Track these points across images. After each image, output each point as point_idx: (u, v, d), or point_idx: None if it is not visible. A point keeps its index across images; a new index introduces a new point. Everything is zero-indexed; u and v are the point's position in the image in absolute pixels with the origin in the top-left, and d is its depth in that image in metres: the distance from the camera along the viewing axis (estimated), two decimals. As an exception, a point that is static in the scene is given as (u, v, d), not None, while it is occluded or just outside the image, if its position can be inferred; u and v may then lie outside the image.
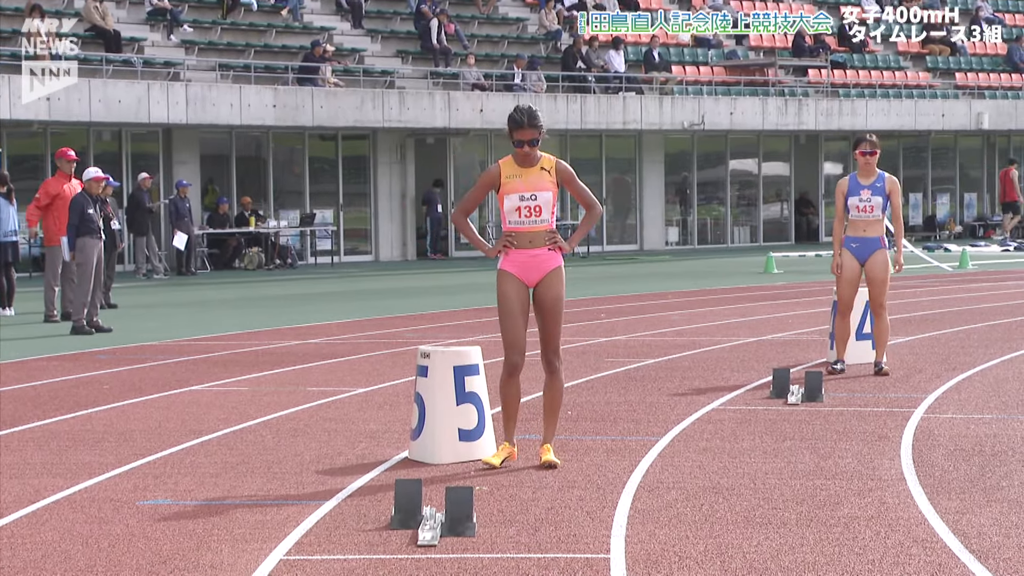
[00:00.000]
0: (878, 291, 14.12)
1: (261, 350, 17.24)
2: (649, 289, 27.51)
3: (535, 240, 9.61)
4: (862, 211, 14.01)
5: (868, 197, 14.00)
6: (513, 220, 9.60)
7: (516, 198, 9.55)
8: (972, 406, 12.19)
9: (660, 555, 7.28)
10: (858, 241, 14.08)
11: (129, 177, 35.34)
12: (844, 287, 14.17)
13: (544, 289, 9.64)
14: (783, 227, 48.84)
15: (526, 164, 9.63)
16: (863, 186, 14.04)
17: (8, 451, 10.49)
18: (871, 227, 14.04)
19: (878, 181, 14.05)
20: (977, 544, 7.45)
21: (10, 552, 7.50)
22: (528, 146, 9.59)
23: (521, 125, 9.59)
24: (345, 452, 10.26)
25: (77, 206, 20.14)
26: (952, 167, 52.18)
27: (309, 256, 39.65)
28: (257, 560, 7.26)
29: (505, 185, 9.61)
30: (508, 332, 9.63)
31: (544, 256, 9.63)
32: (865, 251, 14.06)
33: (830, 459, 9.81)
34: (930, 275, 31.05)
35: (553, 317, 9.65)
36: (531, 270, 9.63)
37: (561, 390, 9.82)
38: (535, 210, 9.56)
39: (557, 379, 9.76)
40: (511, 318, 9.62)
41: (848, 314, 14.25)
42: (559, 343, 9.76)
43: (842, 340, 14.29)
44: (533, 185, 9.57)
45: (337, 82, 38.78)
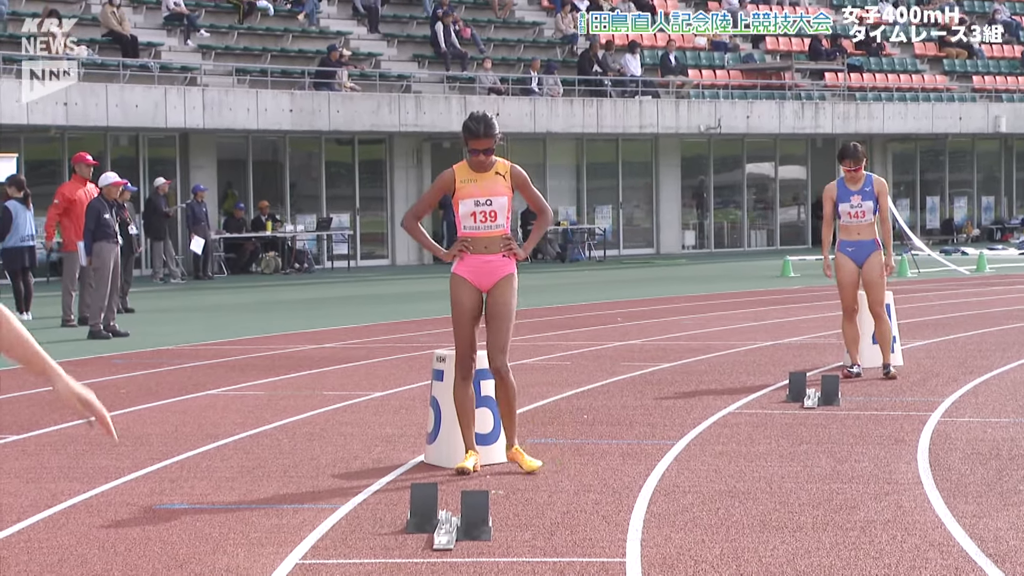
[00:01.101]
0: (875, 293, 14.13)
1: (277, 354, 17.26)
2: (665, 293, 27.49)
3: (490, 246, 9.62)
4: (854, 216, 14.05)
5: (859, 203, 14.03)
6: (468, 225, 9.62)
7: (471, 203, 9.58)
8: (989, 410, 12.16)
9: (676, 559, 7.27)
10: (853, 245, 14.11)
11: (146, 182, 35.43)
12: (845, 290, 14.21)
13: (496, 294, 9.63)
14: (800, 231, 48.78)
15: (481, 169, 9.64)
16: (852, 191, 14.06)
17: (25, 455, 10.52)
18: (864, 231, 14.09)
19: (866, 185, 14.08)
20: (994, 548, 7.42)
21: (27, 556, 7.51)
22: (483, 155, 9.60)
23: (477, 135, 9.60)
24: (361, 456, 10.26)
25: (94, 211, 20.18)
26: (969, 170, 52.09)
27: (326, 260, 39.69)
28: (273, 564, 7.27)
29: (460, 190, 9.62)
30: (460, 338, 9.65)
31: (498, 262, 9.64)
32: (861, 254, 14.09)
33: (846, 463, 9.79)
34: (947, 278, 30.99)
35: (501, 322, 9.61)
36: (484, 275, 9.64)
37: (514, 390, 9.69)
38: (490, 215, 9.59)
39: (506, 381, 9.66)
40: (462, 324, 9.64)
41: (853, 317, 14.25)
42: (507, 346, 9.66)
43: (853, 343, 14.27)
44: (488, 190, 9.59)
45: (353, 86, 38.82)
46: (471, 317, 9.65)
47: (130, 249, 23.01)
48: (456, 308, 9.68)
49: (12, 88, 31.77)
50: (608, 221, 44.29)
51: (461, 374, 9.65)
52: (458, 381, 9.66)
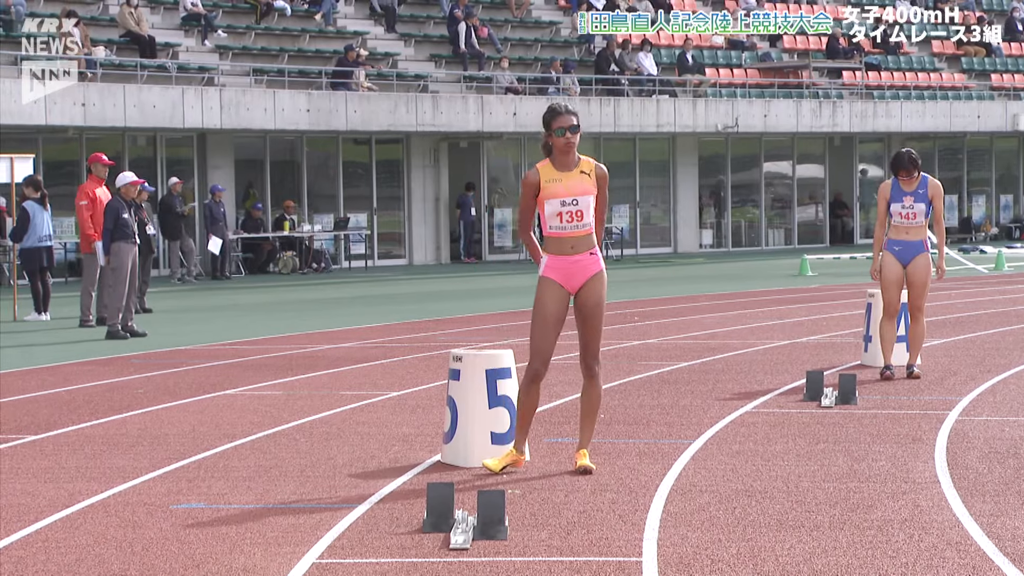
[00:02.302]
0: (918, 294, 14.01)
1: (294, 354, 17.27)
2: (683, 292, 27.47)
3: (577, 246, 9.47)
4: (905, 218, 13.90)
5: (911, 204, 13.88)
6: (554, 225, 9.42)
7: (557, 203, 9.37)
8: (1007, 408, 12.13)
9: (692, 558, 7.26)
10: (901, 244, 13.98)
11: (163, 182, 35.51)
12: (889, 290, 14.04)
13: (586, 294, 9.49)
14: (818, 229, 48.70)
15: (565, 168, 9.43)
16: (906, 192, 13.90)
17: (43, 455, 10.54)
18: (914, 231, 13.94)
19: (920, 187, 13.91)
20: (1012, 547, 7.41)
21: (44, 556, 7.53)
22: (569, 133, 9.36)
23: (559, 112, 9.39)
24: (378, 456, 10.27)
25: (112, 211, 20.22)
26: (988, 169, 51.97)
27: (343, 260, 39.72)
28: (290, 564, 7.28)
29: (545, 190, 9.39)
30: (537, 340, 9.49)
31: (586, 261, 9.48)
32: (908, 254, 13.95)
33: (864, 462, 9.77)
34: (966, 277, 30.91)
35: (594, 323, 9.50)
36: (574, 276, 9.47)
37: (600, 395, 9.71)
38: (576, 215, 9.40)
39: (596, 384, 9.65)
40: (544, 326, 9.47)
41: (894, 317, 14.12)
42: (599, 348, 9.64)
43: (889, 343, 14.10)
44: (573, 189, 9.40)
45: (371, 86, 38.85)
46: (555, 321, 9.46)
47: (148, 249, 23.05)
48: (539, 310, 9.47)
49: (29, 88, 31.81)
50: (625, 220, 44.27)
51: (530, 377, 9.50)
52: (525, 383, 9.53)
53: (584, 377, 9.70)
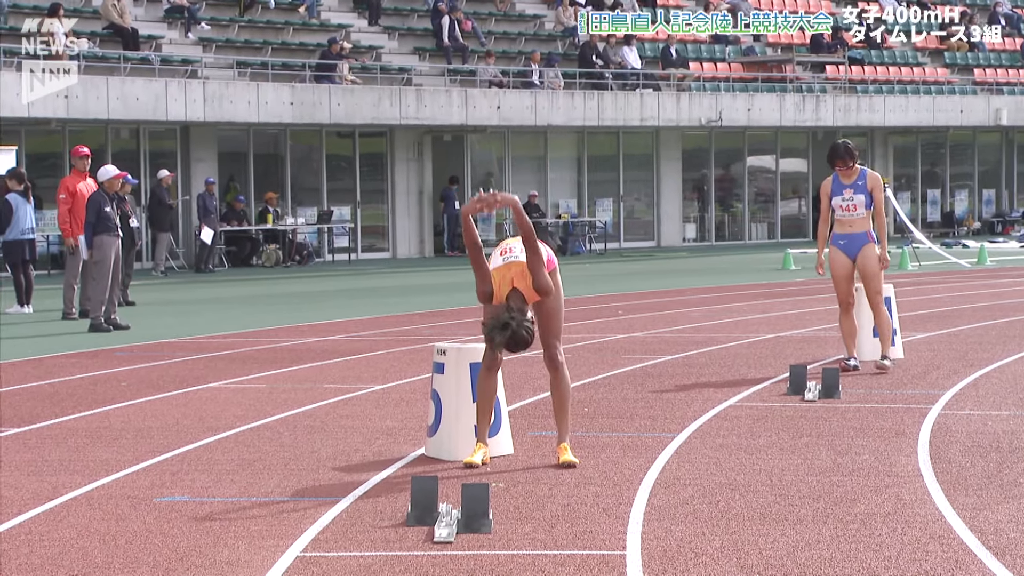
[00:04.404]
0: (873, 286, 14.17)
1: (278, 347, 17.26)
2: (666, 286, 27.49)
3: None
4: (846, 210, 14.12)
5: (851, 196, 14.08)
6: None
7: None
8: (990, 402, 12.16)
9: (676, 551, 7.27)
10: (845, 238, 14.17)
11: (147, 174, 35.48)
12: (839, 284, 14.27)
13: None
14: (801, 223, 48.75)
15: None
16: (845, 185, 14.13)
17: (26, 448, 10.52)
18: (857, 224, 14.13)
19: (859, 179, 14.12)
20: (994, 540, 7.43)
21: (28, 549, 7.52)
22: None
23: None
24: (362, 449, 10.27)
25: (94, 204, 20.18)
26: (970, 163, 52.07)
27: (326, 253, 39.68)
28: (274, 557, 7.28)
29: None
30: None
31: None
32: (854, 247, 14.13)
33: (847, 455, 9.80)
34: (948, 271, 30.99)
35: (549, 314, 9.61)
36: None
37: (567, 385, 9.71)
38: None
39: (561, 375, 9.67)
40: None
41: (850, 310, 14.29)
42: (558, 339, 9.67)
43: (849, 336, 14.32)
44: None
45: (354, 79, 38.81)
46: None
47: (131, 242, 23.01)
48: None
49: (12, 81, 31.75)
50: (609, 214, 44.26)
51: (486, 364, 9.59)
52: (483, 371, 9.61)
53: (548, 370, 9.74)
